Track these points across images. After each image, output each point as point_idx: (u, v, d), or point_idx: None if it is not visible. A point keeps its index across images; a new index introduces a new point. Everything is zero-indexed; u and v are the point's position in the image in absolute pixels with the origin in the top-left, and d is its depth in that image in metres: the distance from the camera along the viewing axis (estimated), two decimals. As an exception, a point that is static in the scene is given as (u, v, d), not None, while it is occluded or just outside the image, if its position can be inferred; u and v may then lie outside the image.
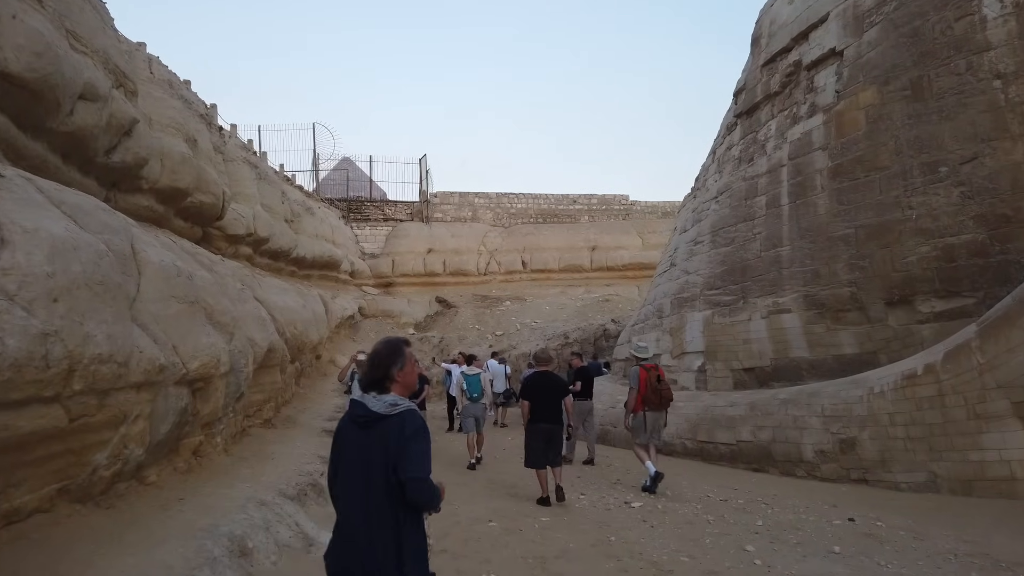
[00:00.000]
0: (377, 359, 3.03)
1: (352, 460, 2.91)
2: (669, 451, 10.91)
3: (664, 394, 8.59)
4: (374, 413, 2.89)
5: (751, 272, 11.02)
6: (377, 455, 2.82)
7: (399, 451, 2.79)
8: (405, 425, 2.85)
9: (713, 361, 11.58)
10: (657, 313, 13.39)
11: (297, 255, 19.33)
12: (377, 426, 2.87)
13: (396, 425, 2.84)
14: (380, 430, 2.85)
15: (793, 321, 10.17)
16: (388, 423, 2.85)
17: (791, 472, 9.20)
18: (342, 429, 3.03)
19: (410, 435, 2.83)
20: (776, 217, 10.62)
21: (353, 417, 2.97)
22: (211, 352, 6.52)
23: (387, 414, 2.87)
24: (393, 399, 2.93)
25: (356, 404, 3.00)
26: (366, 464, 2.85)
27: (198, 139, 11.36)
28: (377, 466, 2.81)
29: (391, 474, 2.78)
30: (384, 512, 2.79)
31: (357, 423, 2.93)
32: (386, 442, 2.82)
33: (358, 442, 2.91)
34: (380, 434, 2.85)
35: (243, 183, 15.24)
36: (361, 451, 2.88)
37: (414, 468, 2.79)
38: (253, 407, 9.81)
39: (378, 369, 3.00)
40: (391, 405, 2.90)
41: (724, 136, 13.24)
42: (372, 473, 2.82)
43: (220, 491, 6.12)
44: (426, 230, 30.15)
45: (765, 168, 11.06)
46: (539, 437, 7.96)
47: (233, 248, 14.25)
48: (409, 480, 2.77)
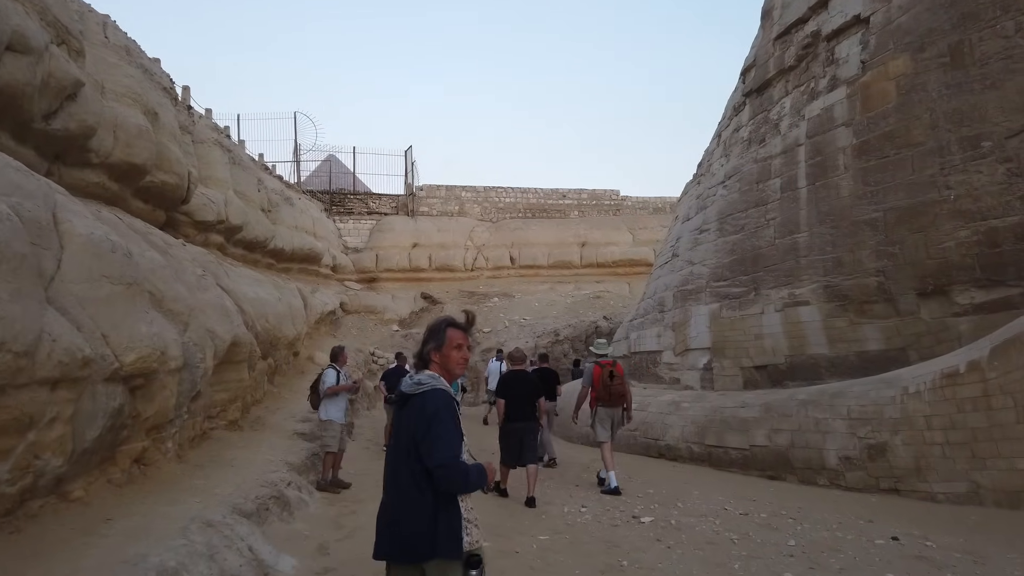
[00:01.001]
0: (424, 334, 3.02)
1: (392, 441, 2.94)
2: (674, 456, 10.04)
3: (615, 391, 8.41)
4: (403, 392, 2.88)
5: (764, 261, 10.14)
6: (404, 435, 2.79)
7: (420, 434, 2.71)
8: (426, 404, 2.77)
9: (720, 358, 10.69)
10: (658, 307, 12.50)
11: (275, 247, 18.27)
12: (406, 406, 2.85)
13: (418, 405, 2.78)
14: (408, 410, 2.82)
15: (811, 314, 9.29)
16: (413, 402, 2.81)
17: (812, 480, 8.32)
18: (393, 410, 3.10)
19: (431, 415, 2.74)
20: (792, 201, 9.75)
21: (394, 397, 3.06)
22: (153, 343, 5.54)
23: (412, 393, 2.83)
24: (422, 378, 2.86)
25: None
26: (396, 445, 2.85)
27: (159, 113, 10.33)
28: (402, 447, 2.78)
29: (415, 456, 2.71)
30: (411, 493, 2.70)
31: (396, 403, 2.94)
32: (410, 422, 2.77)
33: (397, 422, 2.91)
34: (407, 414, 2.82)
35: (214, 167, 14.19)
36: (398, 431, 2.88)
37: (439, 454, 2.67)
38: (216, 407, 8.83)
39: (420, 345, 2.99)
40: (417, 384, 2.85)
41: (730, 118, 12.37)
42: (399, 453, 2.80)
43: (160, 509, 5.15)
44: (411, 224, 29.21)
45: (779, 148, 10.18)
46: (513, 436, 8.01)
47: (202, 236, 13.21)
48: (435, 468, 2.66)
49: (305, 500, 7.11)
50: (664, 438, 10.23)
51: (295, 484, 7.30)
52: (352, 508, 7.33)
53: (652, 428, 10.49)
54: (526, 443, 7.94)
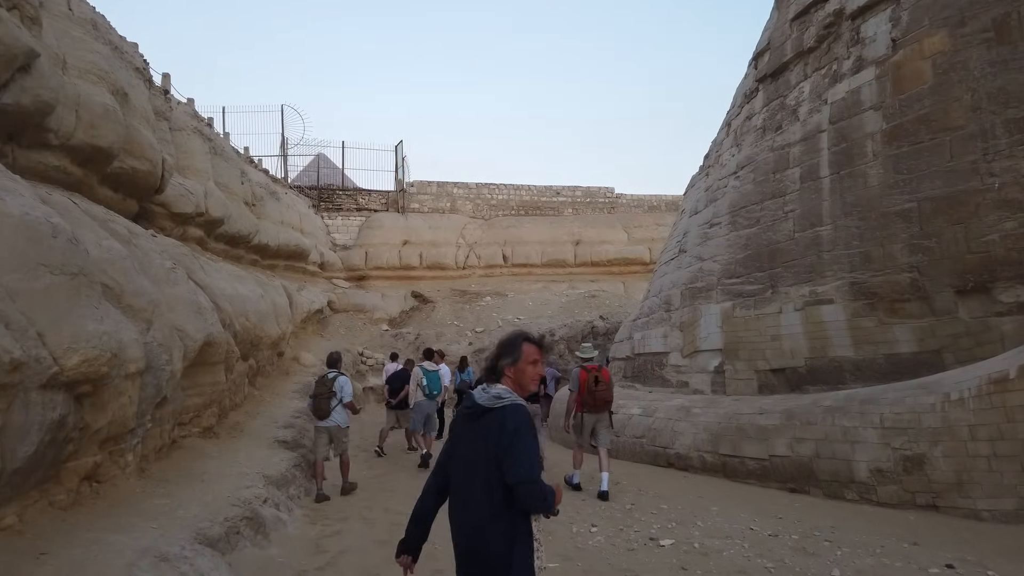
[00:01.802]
0: (496, 348, 2.95)
1: (462, 454, 2.81)
2: (684, 465, 9.33)
3: (599, 396, 8.30)
4: (479, 405, 2.79)
5: (782, 257, 9.44)
6: (480, 451, 2.71)
7: (503, 449, 2.65)
8: (507, 420, 2.70)
9: (733, 360, 9.99)
10: (664, 306, 11.79)
11: (259, 242, 17.46)
12: (481, 419, 2.76)
13: (498, 420, 2.71)
14: (483, 424, 2.74)
15: (835, 313, 8.61)
16: (490, 417, 2.74)
17: (838, 494, 7.63)
18: (456, 419, 2.96)
19: (512, 431, 2.68)
20: (814, 191, 9.05)
21: (463, 408, 2.89)
22: (103, 343, 4.77)
23: (490, 407, 2.76)
24: (499, 392, 2.79)
25: (469, 395, 2.90)
26: (473, 459, 2.74)
27: (130, 94, 9.55)
28: (481, 462, 2.69)
29: (495, 472, 2.64)
30: (487, 510, 2.63)
31: (466, 414, 2.85)
32: (488, 437, 2.70)
33: (467, 435, 2.81)
34: (483, 428, 2.73)
35: (193, 156, 13.40)
36: (468, 445, 2.79)
37: (521, 471, 2.61)
38: (188, 413, 8.06)
39: (492, 359, 2.93)
40: (496, 398, 2.77)
41: (741, 105, 11.68)
42: (477, 469, 2.70)
43: (108, 537, 4.39)
44: (402, 221, 28.43)
45: (799, 136, 9.48)
46: None
47: (180, 229, 12.43)
48: (517, 484, 2.60)
49: (283, 519, 6.35)
50: (674, 446, 9.52)
51: (272, 500, 6.54)
52: (335, 527, 6.60)
53: (660, 435, 9.79)
54: None
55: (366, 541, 6.17)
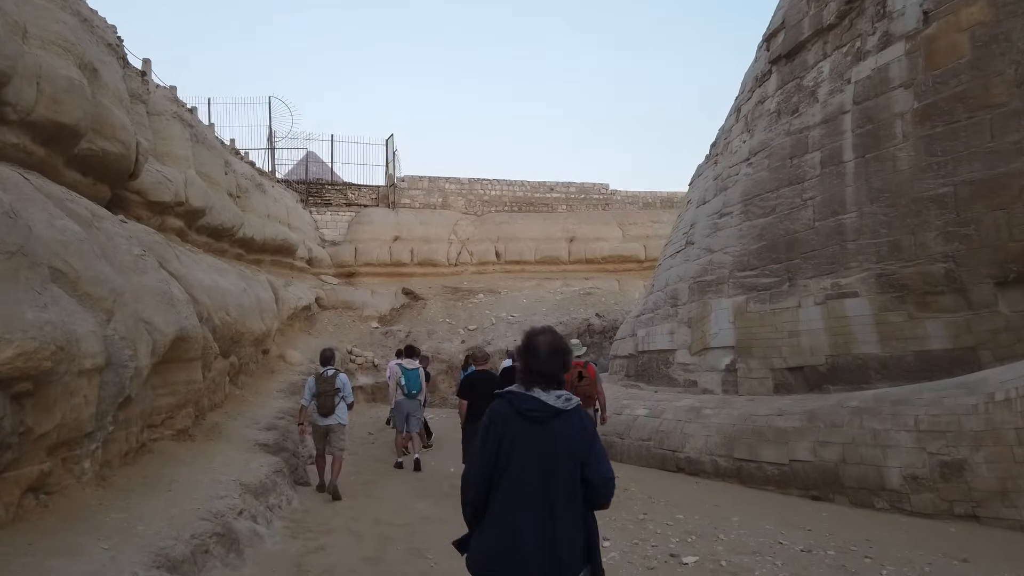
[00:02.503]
0: (558, 354, 2.82)
1: (534, 455, 2.69)
2: (695, 470, 8.72)
3: (581, 391, 8.02)
4: (551, 407, 2.73)
5: (800, 247, 8.84)
6: (561, 452, 2.69)
7: (586, 450, 2.71)
8: (586, 423, 2.80)
9: (746, 358, 9.38)
10: (670, 301, 11.16)
11: (244, 235, 16.73)
12: (554, 422, 2.72)
13: (577, 422, 2.76)
14: (559, 426, 2.72)
15: (860, 307, 8.01)
16: (567, 419, 2.74)
17: (867, 503, 7.04)
18: (506, 422, 2.75)
19: (592, 433, 2.80)
20: (836, 177, 8.45)
21: (521, 411, 2.74)
22: (45, 334, 4.10)
23: (564, 409, 2.74)
24: (564, 394, 2.79)
25: (521, 397, 2.77)
26: (546, 461, 2.68)
27: (100, 71, 8.84)
28: (562, 464, 2.68)
29: (577, 472, 2.68)
30: (567, 509, 2.66)
31: (528, 418, 2.73)
32: (569, 439, 2.71)
33: (533, 438, 2.71)
34: (559, 430, 2.72)
35: (172, 142, 12.67)
36: (538, 447, 2.69)
37: (605, 468, 2.74)
38: (159, 414, 7.39)
39: (556, 361, 2.80)
40: (566, 400, 2.76)
41: (752, 89, 11.07)
42: (555, 471, 2.67)
43: (46, 562, 3.73)
44: (392, 216, 27.74)
45: (819, 118, 8.88)
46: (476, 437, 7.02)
47: (158, 219, 11.71)
48: (604, 481, 2.72)
49: (260, 533, 5.69)
50: (684, 450, 8.91)
51: (249, 512, 5.88)
52: (319, 541, 5.94)
53: (669, 438, 9.17)
54: None
55: (353, 559, 5.53)
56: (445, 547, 6.10)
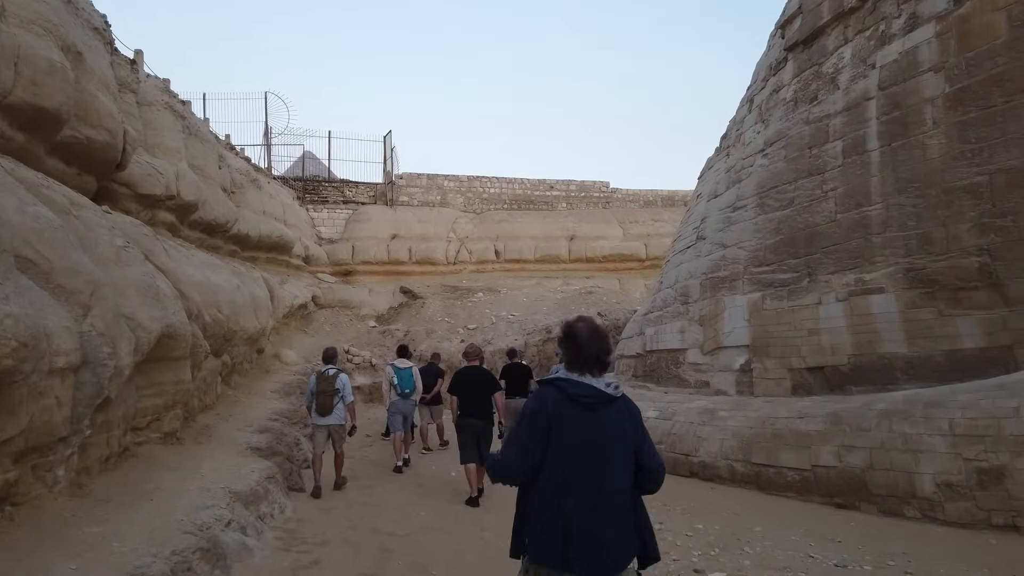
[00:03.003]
0: (600, 341, 2.84)
1: (579, 442, 2.68)
2: (709, 475, 8.31)
3: None
4: (603, 393, 2.74)
5: (821, 241, 8.42)
6: (615, 437, 2.71)
7: (639, 437, 2.77)
8: (635, 410, 2.82)
9: (763, 358, 8.96)
10: (681, 298, 10.74)
11: (238, 232, 16.30)
12: (607, 408, 2.74)
13: (627, 409, 2.79)
14: (610, 412, 2.74)
15: (886, 304, 7.60)
16: (618, 406, 2.76)
17: (896, 511, 6.62)
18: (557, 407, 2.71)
19: (640, 418, 2.83)
20: (860, 167, 8.04)
21: (573, 397, 2.71)
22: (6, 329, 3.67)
23: (615, 396, 2.76)
24: (613, 381, 2.81)
25: (572, 383, 2.74)
26: (599, 447, 2.68)
27: (85, 54, 8.40)
28: (616, 449, 2.70)
29: (631, 458, 2.72)
30: (622, 494, 2.70)
31: (580, 403, 2.71)
32: (621, 425, 2.73)
33: (585, 423, 2.70)
34: (611, 416, 2.73)
35: (163, 134, 12.24)
36: (590, 432, 2.69)
37: (657, 455, 2.83)
38: (144, 416, 6.96)
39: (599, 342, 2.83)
40: (615, 387, 2.79)
41: (766, 79, 10.65)
42: (610, 456, 2.69)
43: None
44: (390, 214, 27.31)
45: (840, 105, 8.46)
46: (468, 433, 7.86)
47: (149, 213, 11.28)
48: (658, 468, 2.79)
49: (249, 546, 5.26)
50: (697, 454, 8.49)
51: (238, 523, 5.45)
52: (313, 555, 5.51)
53: (681, 441, 8.75)
54: (482, 441, 7.82)
55: (350, 574, 5.09)
56: (449, 560, 5.69)
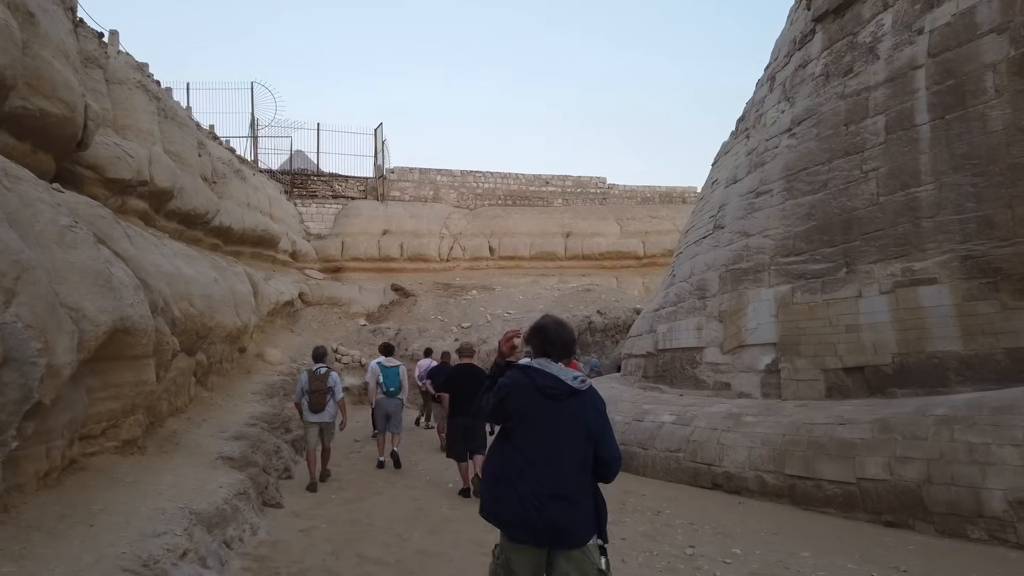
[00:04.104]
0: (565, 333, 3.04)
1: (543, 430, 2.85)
2: (735, 487, 7.47)
3: None
4: (567, 386, 2.89)
5: (861, 227, 7.59)
6: (576, 428, 2.85)
7: (599, 428, 2.90)
8: (598, 403, 2.97)
9: (792, 357, 8.12)
10: (697, 292, 9.89)
11: (220, 224, 15.35)
12: (570, 400, 2.88)
13: (591, 401, 2.94)
14: (574, 404, 2.89)
15: (939, 296, 6.77)
16: (582, 399, 2.90)
17: (958, 531, 5.79)
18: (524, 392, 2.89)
19: (603, 411, 2.98)
20: (908, 143, 7.21)
21: (540, 386, 2.88)
22: None
23: (579, 389, 2.91)
24: (580, 375, 2.96)
25: (540, 373, 2.91)
26: (560, 436, 2.84)
27: (39, 18, 7.49)
28: (576, 439, 2.85)
29: (590, 449, 2.86)
30: (580, 481, 2.83)
31: (546, 393, 2.88)
32: (583, 417, 2.87)
33: (549, 413, 2.87)
34: (574, 408, 2.88)
35: (135, 114, 11.31)
36: (554, 422, 2.86)
37: (615, 447, 2.95)
38: (98, 422, 6.06)
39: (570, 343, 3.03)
40: (581, 381, 2.93)
41: (790, 54, 9.82)
42: (569, 445, 2.83)
43: None
44: (381, 209, 26.46)
45: (882, 76, 7.64)
46: (458, 430, 7.79)
47: (118, 199, 10.34)
48: (613, 459, 2.90)
49: (210, 581, 4.37)
50: (721, 463, 7.64)
51: (197, 552, 4.56)
52: None
53: (703, 449, 7.91)
54: (470, 437, 7.75)
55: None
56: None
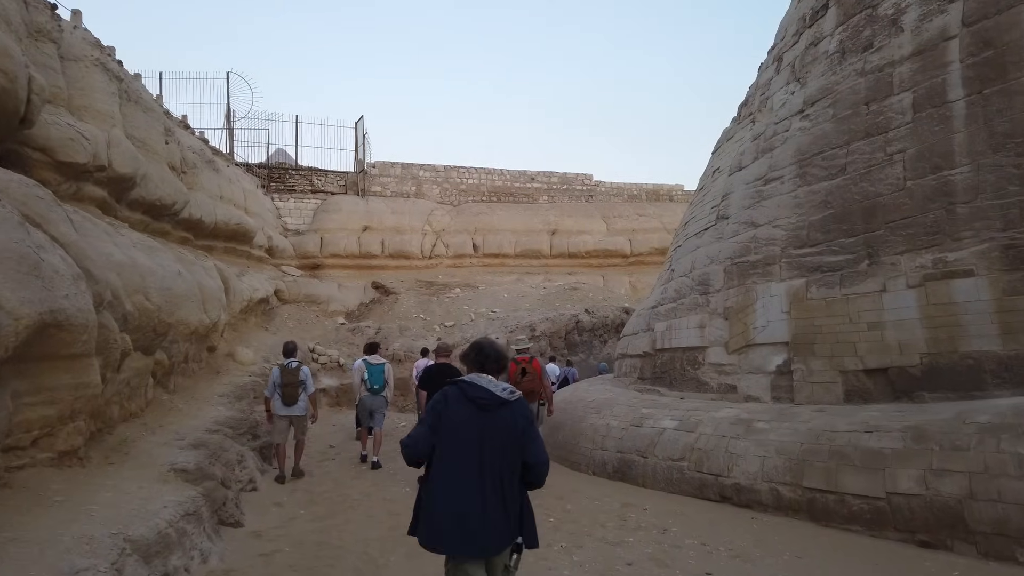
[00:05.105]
0: (498, 349, 3.36)
1: (469, 439, 3.05)
2: (746, 500, 6.77)
3: (525, 386, 8.43)
4: (498, 397, 3.11)
5: (885, 214, 6.92)
6: (504, 436, 3.06)
7: (527, 436, 3.11)
8: (526, 411, 3.19)
9: (806, 357, 7.44)
10: (699, 288, 9.19)
11: (190, 216, 14.44)
12: (500, 411, 3.10)
13: (519, 410, 3.15)
14: (504, 414, 3.10)
15: (976, 290, 6.12)
16: (511, 409, 3.12)
17: (1006, 554, 5.14)
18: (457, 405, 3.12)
19: (531, 420, 3.21)
20: (939, 122, 6.56)
21: (472, 398, 3.10)
22: None
23: (509, 399, 3.12)
24: (509, 387, 3.18)
25: (472, 386, 3.15)
26: (491, 444, 3.04)
27: (-28, -26, 6.69)
28: (503, 447, 3.05)
29: (518, 455, 3.07)
30: (507, 488, 3.02)
31: (477, 404, 3.10)
32: (512, 426, 3.08)
33: (479, 423, 3.07)
34: (504, 418, 3.09)
35: (92, 95, 10.45)
36: (485, 431, 3.06)
37: (542, 452, 3.17)
38: (29, 431, 5.30)
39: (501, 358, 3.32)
40: (511, 392, 3.16)
41: (799, 32, 9.15)
42: (496, 452, 3.04)
43: None
44: (362, 205, 25.65)
45: (908, 49, 6.98)
46: None
47: (72, 186, 9.51)
48: (538, 464, 3.11)
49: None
50: (730, 474, 6.95)
51: (127, 590, 3.78)
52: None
53: (710, 458, 7.21)
54: None
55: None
56: None
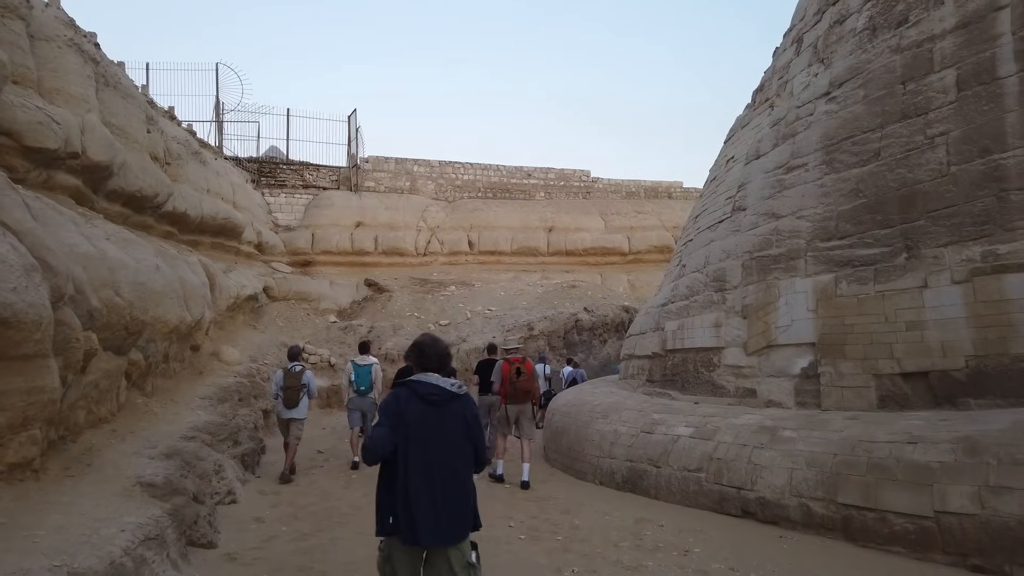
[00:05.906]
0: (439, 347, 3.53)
1: (426, 434, 3.23)
2: (773, 517, 6.17)
3: (520, 387, 8.68)
4: (447, 391, 3.34)
5: (926, 203, 6.32)
6: (457, 428, 3.32)
7: (476, 428, 3.40)
8: (473, 404, 3.48)
9: (835, 360, 6.84)
10: (714, 284, 8.58)
11: (174, 209, 13.77)
12: (451, 404, 3.33)
13: (469, 403, 3.42)
14: (455, 407, 3.34)
15: (1030, 286, 5.53)
16: (460, 402, 3.36)
17: (1076, 583, 4.53)
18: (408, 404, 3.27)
19: (477, 415, 3.49)
20: (988, 100, 5.97)
21: (422, 395, 3.28)
22: None
23: (458, 393, 3.37)
24: (457, 382, 3.44)
25: (421, 384, 3.32)
26: (445, 436, 3.28)
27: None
28: (458, 437, 3.31)
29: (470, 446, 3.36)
30: (461, 475, 3.30)
31: (429, 401, 3.28)
32: (463, 417, 3.35)
33: (433, 417, 3.27)
34: (455, 411, 3.34)
35: (65, 77, 9.79)
36: (438, 425, 3.27)
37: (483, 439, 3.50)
38: (-32, 443, 4.63)
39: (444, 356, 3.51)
40: (459, 386, 3.40)
41: (820, 11, 8.55)
42: (452, 443, 3.29)
43: None
44: (355, 200, 25.08)
45: (951, 23, 6.39)
46: None
47: (42, 174, 8.86)
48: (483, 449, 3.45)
49: None
50: (754, 487, 6.35)
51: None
52: None
53: (730, 470, 6.61)
54: None
55: None
56: None
